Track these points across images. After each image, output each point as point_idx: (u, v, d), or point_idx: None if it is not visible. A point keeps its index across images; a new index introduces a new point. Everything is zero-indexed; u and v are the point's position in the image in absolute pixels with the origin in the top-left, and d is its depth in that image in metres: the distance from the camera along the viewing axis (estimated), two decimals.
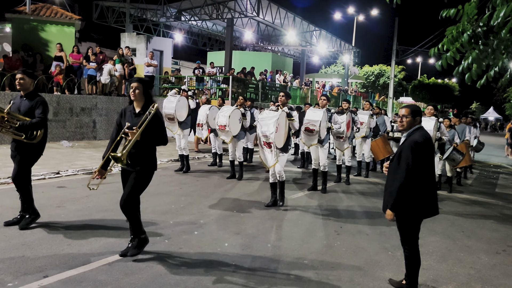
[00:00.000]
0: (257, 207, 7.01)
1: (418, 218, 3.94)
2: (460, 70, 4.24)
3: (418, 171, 3.77)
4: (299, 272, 4.45)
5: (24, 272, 4.03)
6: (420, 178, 3.80)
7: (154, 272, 4.20)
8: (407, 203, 3.83)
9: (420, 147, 3.80)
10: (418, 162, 3.77)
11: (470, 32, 3.79)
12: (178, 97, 9.70)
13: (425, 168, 3.83)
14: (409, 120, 3.95)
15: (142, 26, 24.61)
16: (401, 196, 3.79)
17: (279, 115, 6.68)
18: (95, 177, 4.53)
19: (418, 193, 3.82)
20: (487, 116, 70.51)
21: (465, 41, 3.88)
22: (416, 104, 5.28)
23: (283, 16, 23.93)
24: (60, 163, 9.58)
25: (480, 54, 3.91)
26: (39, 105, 5.15)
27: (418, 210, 3.88)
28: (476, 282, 4.52)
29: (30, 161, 5.26)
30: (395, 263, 4.88)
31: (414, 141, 3.83)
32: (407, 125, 3.96)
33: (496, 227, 6.86)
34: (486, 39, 3.85)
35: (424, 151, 3.82)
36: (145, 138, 4.36)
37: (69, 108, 13.31)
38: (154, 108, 4.38)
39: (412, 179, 3.76)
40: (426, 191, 3.87)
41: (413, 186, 3.79)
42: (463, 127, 10.11)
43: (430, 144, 3.92)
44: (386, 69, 42.64)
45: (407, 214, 3.89)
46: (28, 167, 5.26)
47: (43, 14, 15.99)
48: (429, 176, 3.90)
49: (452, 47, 4.00)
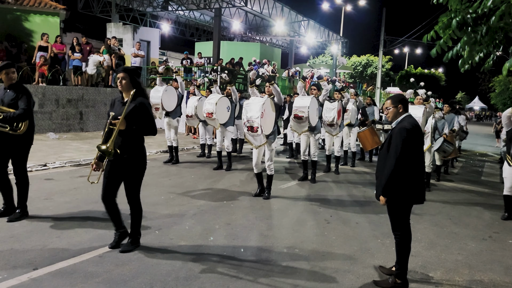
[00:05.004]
0: (247, 198, 7.03)
1: (408, 203, 4.01)
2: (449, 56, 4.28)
3: (407, 158, 3.84)
4: (290, 262, 4.48)
5: (13, 265, 3.99)
6: (409, 164, 3.87)
7: (145, 263, 4.19)
8: (397, 189, 3.90)
9: (408, 133, 3.87)
10: (406, 149, 3.84)
11: (459, 19, 3.81)
12: (165, 87, 9.59)
13: (414, 155, 3.91)
14: (392, 110, 4.07)
15: (129, 16, 24.23)
16: (391, 182, 3.86)
17: (265, 101, 6.66)
18: (94, 170, 4.48)
19: (408, 179, 3.89)
20: (472, 105, 71.38)
21: (453, 27, 3.91)
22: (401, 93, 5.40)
23: (271, 6, 23.79)
24: (47, 155, 9.46)
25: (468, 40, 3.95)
26: (23, 96, 5.07)
27: (408, 196, 3.95)
28: (463, 268, 4.61)
29: (25, 154, 5.23)
30: (384, 251, 4.94)
31: (402, 128, 3.91)
32: (392, 115, 4.08)
33: (482, 214, 6.98)
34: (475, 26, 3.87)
35: (412, 138, 3.89)
36: (132, 127, 4.27)
37: (55, 100, 13.11)
38: (131, 95, 4.26)
39: (401, 165, 3.83)
40: (415, 177, 3.94)
41: (403, 172, 3.86)
42: (452, 117, 10.22)
43: (418, 131, 3.99)
44: (373, 59, 42.76)
45: (397, 200, 3.96)
46: (25, 159, 5.26)
47: (26, 3, 15.66)
48: (418, 163, 3.98)
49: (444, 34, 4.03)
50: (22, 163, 5.25)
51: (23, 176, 5.27)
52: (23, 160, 5.26)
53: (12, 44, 13.92)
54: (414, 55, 50.95)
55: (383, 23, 31.14)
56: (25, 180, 5.29)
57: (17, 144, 5.13)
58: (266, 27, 28.94)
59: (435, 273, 4.41)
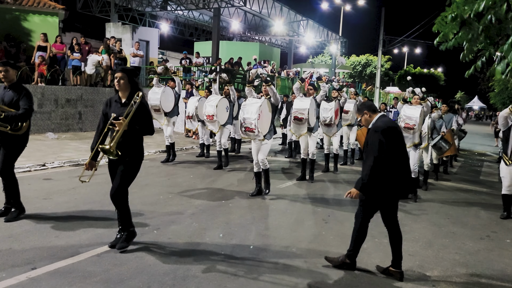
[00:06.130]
0: (245, 197, 7.04)
1: (391, 199, 4.19)
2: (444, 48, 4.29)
3: (383, 155, 3.99)
4: (288, 261, 4.49)
5: (11, 264, 4.00)
6: (387, 161, 4.01)
7: (143, 263, 4.20)
8: (379, 185, 4.05)
9: (383, 132, 4.03)
10: (382, 147, 3.99)
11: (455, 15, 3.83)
12: (163, 88, 9.61)
13: (391, 152, 4.04)
14: (362, 118, 4.32)
15: (128, 16, 24.22)
16: (370, 179, 4.01)
17: (262, 102, 6.70)
18: (87, 169, 4.50)
19: (388, 175, 4.03)
20: (472, 105, 71.38)
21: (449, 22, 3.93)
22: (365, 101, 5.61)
23: (270, 5, 23.78)
24: (45, 155, 9.46)
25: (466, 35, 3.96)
26: (24, 96, 5.07)
27: (390, 192, 4.12)
28: (461, 267, 4.62)
29: (16, 153, 5.21)
30: (381, 250, 4.95)
31: (376, 127, 4.11)
32: (364, 122, 4.35)
33: (480, 214, 7.00)
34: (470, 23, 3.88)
35: (387, 136, 4.04)
36: (132, 127, 4.31)
37: (54, 100, 13.11)
38: (139, 96, 4.34)
39: (379, 163, 3.98)
40: (395, 174, 4.08)
41: (382, 169, 4.00)
42: (450, 116, 10.24)
43: (394, 129, 4.16)
44: (372, 59, 42.75)
45: (380, 196, 4.12)
46: (13, 159, 5.21)
47: (25, 3, 15.65)
48: (398, 160, 4.10)
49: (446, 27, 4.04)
50: (11, 162, 5.19)
51: (10, 175, 5.20)
52: (12, 159, 5.19)
53: (11, 44, 13.91)
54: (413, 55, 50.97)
55: (382, 23, 31.15)
56: (13, 179, 5.23)
57: (12, 143, 5.11)
58: (265, 26, 28.94)
59: (432, 272, 4.43)
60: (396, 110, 11.15)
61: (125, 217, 4.52)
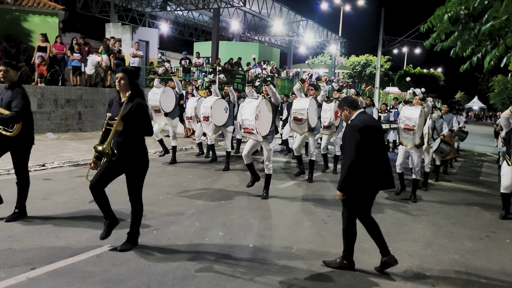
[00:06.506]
0: (244, 198, 7.04)
1: (366, 194, 4.24)
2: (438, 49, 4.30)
3: (360, 156, 4.04)
4: (287, 261, 4.49)
5: (11, 264, 4.00)
6: (365, 159, 4.06)
7: (142, 263, 4.20)
8: (358, 183, 4.11)
9: (360, 130, 4.08)
10: (358, 147, 4.04)
11: (451, 14, 3.82)
12: (163, 88, 9.61)
13: (368, 150, 4.08)
14: (342, 114, 4.36)
15: (127, 16, 24.24)
16: (347, 176, 4.07)
17: (259, 103, 6.66)
18: (92, 168, 4.49)
19: (366, 173, 4.09)
20: (471, 105, 71.38)
21: (445, 21, 3.92)
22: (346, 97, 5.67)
23: (269, 6, 23.80)
24: (45, 155, 9.47)
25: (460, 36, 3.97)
26: (16, 97, 5.02)
27: (368, 188, 4.19)
28: (460, 267, 4.63)
29: (25, 154, 5.27)
30: None
31: (352, 126, 4.18)
32: (344, 118, 4.39)
33: (479, 214, 7.00)
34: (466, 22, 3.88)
35: (364, 135, 4.07)
36: (130, 127, 4.29)
37: (53, 100, 13.11)
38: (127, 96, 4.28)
39: (356, 164, 4.04)
40: (373, 171, 4.13)
41: (360, 168, 4.06)
42: (450, 117, 10.24)
43: (371, 128, 4.17)
44: (372, 59, 42.78)
45: (355, 190, 4.17)
46: (26, 160, 5.29)
47: (25, 4, 15.65)
48: (376, 157, 4.14)
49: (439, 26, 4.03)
50: (23, 163, 5.26)
51: (24, 176, 5.28)
52: (24, 161, 5.27)
53: (11, 45, 13.90)
54: (413, 55, 51.02)
55: (382, 23, 31.17)
56: (26, 180, 5.30)
57: (16, 145, 5.13)
58: (265, 27, 28.97)
59: (432, 273, 4.43)
60: (396, 110, 11.16)
61: (137, 222, 4.54)
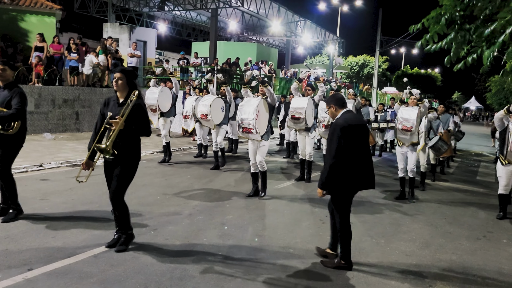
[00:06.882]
0: (242, 198, 7.04)
1: (347, 193, 4.30)
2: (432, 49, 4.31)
3: (341, 155, 4.10)
4: (285, 261, 4.49)
5: (8, 265, 3.99)
6: (347, 158, 4.12)
7: (140, 263, 4.19)
8: (336, 180, 4.16)
9: (342, 130, 4.13)
10: (340, 146, 4.10)
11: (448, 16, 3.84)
12: (161, 88, 9.62)
13: (351, 148, 4.14)
14: (329, 111, 4.47)
15: (125, 16, 24.20)
16: (329, 174, 4.14)
17: (259, 102, 6.70)
18: (84, 169, 4.49)
19: (348, 171, 4.15)
20: (468, 105, 71.57)
21: (442, 24, 3.93)
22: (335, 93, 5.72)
23: (267, 6, 23.80)
24: (42, 155, 9.44)
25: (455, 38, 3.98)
26: (16, 96, 5.03)
27: (346, 186, 4.23)
28: (457, 267, 4.63)
29: (12, 154, 5.19)
30: (378, 250, 4.97)
31: (336, 124, 4.24)
32: (330, 115, 4.49)
33: (477, 214, 7.02)
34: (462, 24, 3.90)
35: (347, 133, 4.14)
36: (128, 127, 4.31)
37: (51, 100, 13.08)
38: (135, 95, 4.33)
39: (337, 163, 4.10)
40: (355, 169, 4.19)
41: (340, 165, 4.12)
42: (447, 117, 10.26)
43: (354, 127, 4.22)
44: (370, 60, 42.86)
45: (336, 190, 4.24)
46: (10, 160, 5.20)
47: (22, 3, 15.60)
48: (358, 154, 4.21)
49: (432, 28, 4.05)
50: (8, 163, 5.18)
51: (7, 176, 5.20)
52: (9, 160, 5.19)
53: (8, 45, 13.86)
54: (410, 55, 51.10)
55: (380, 24, 31.17)
56: (10, 180, 5.22)
57: (7, 143, 5.10)
58: (263, 27, 28.96)
59: (429, 273, 4.44)
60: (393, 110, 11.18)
61: (124, 220, 4.52)
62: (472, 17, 3.84)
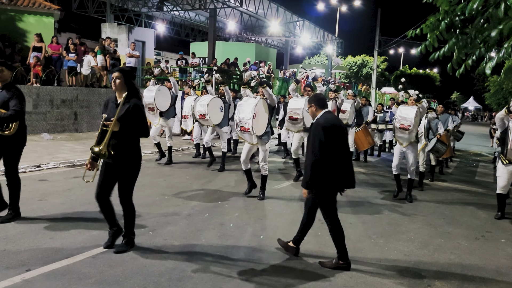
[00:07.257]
0: (240, 198, 7.03)
1: (331, 192, 4.31)
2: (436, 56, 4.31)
3: (324, 151, 4.12)
4: (283, 261, 4.49)
5: (6, 266, 3.97)
6: (328, 158, 4.13)
7: (138, 264, 4.19)
8: (318, 180, 4.18)
9: (324, 130, 4.15)
10: (321, 146, 4.12)
11: (447, 21, 3.83)
12: (158, 86, 9.57)
13: (331, 148, 4.15)
14: (310, 110, 4.49)
15: (124, 16, 24.19)
16: (311, 174, 4.16)
17: (258, 102, 6.68)
18: (89, 169, 4.48)
19: (328, 170, 4.16)
20: (467, 106, 71.66)
21: (442, 29, 3.93)
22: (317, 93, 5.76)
23: (266, 6, 23.82)
24: (41, 156, 9.42)
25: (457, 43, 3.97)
26: (15, 97, 5.02)
27: (331, 185, 4.24)
28: (456, 267, 4.64)
29: (16, 155, 5.22)
30: (377, 250, 4.97)
31: (316, 124, 4.25)
32: (310, 114, 4.50)
33: (475, 214, 7.02)
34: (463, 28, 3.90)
35: (327, 133, 4.15)
36: (124, 128, 4.28)
37: (49, 100, 13.06)
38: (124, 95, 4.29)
39: (318, 163, 4.12)
40: (337, 167, 4.20)
41: (322, 165, 4.13)
42: (446, 117, 10.28)
43: (335, 127, 4.24)
44: (368, 60, 42.91)
45: (320, 190, 4.27)
46: (16, 160, 5.24)
47: (20, 4, 15.59)
48: (339, 154, 4.22)
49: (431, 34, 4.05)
50: (14, 164, 5.23)
51: (14, 178, 5.25)
52: (15, 161, 5.23)
53: (6, 45, 13.85)
54: (409, 56, 51.22)
55: (378, 24, 31.22)
56: (17, 182, 5.27)
57: (8, 145, 5.10)
58: (261, 27, 28.99)
59: (428, 273, 4.44)
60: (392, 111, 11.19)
61: (130, 222, 4.53)
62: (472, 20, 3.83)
